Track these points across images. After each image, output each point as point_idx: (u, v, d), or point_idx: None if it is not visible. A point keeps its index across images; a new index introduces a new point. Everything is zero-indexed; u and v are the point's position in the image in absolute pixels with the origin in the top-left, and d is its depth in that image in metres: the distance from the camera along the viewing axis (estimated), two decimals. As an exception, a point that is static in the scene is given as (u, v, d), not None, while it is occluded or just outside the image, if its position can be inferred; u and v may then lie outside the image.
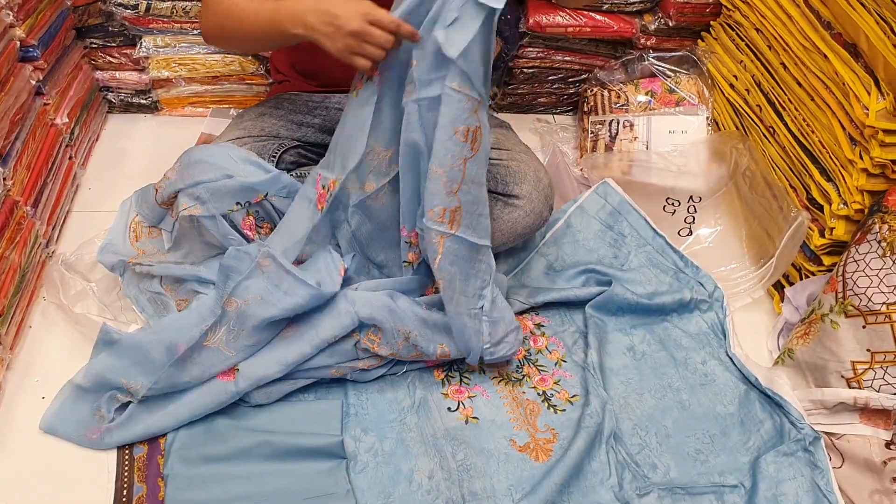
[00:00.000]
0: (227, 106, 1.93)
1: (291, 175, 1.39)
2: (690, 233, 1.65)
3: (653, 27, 1.84)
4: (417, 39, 1.08)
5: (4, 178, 1.33)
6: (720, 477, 1.24)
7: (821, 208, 1.41)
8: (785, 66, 1.50)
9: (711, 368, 1.41)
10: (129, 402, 1.23)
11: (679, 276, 1.54)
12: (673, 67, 1.81)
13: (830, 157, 1.38)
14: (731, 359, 1.42)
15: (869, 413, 1.24)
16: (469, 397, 1.33)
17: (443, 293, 1.23)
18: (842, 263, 1.29)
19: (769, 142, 1.58)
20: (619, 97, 1.81)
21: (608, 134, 1.79)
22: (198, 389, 1.23)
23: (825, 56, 1.36)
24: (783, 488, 1.20)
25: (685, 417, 1.33)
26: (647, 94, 1.79)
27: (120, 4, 1.70)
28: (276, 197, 1.33)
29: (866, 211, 1.32)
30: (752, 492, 1.21)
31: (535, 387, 1.36)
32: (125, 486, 1.15)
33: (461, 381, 1.35)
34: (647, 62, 1.82)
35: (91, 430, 1.21)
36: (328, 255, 1.31)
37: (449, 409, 1.30)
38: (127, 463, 1.18)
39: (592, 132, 1.82)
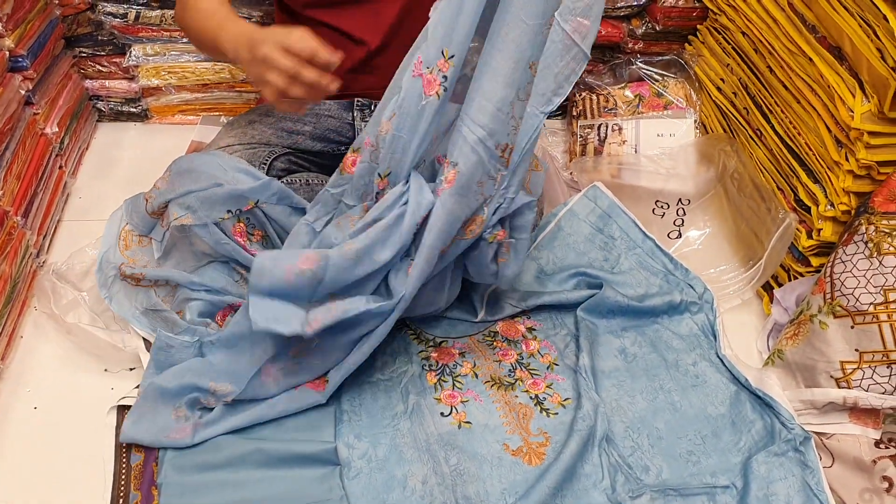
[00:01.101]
0: (217, 114, 1.94)
1: (282, 182, 1.39)
2: (680, 235, 1.66)
3: (640, 31, 1.85)
4: (332, 66, 1.06)
5: (-5, 189, 1.34)
6: (712, 478, 1.25)
7: (808, 210, 1.42)
8: (771, 70, 1.51)
9: (702, 370, 1.42)
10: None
11: (669, 279, 1.55)
12: (660, 71, 1.82)
13: (817, 159, 1.40)
14: (721, 360, 1.43)
15: (858, 412, 1.25)
16: (462, 402, 1.33)
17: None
18: (829, 264, 1.30)
19: (756, 144, 1.59)
20: (607, 101, 1.82)
21: (597, 138, 1.80)
22: (287, 394, 1.25)
23: (810, 59, 1.37)
24: (774, 488, 1.21)
25: (677, 419, 1.34)
26: (635, 97, 1.80)
27: (109, 13, 1.70)
28: (267, 204, 1.33)
29: (853, 212, 1.33)
30: (743, 492, 1.21)
31: (527, 391, 1.36)
32: (122, 494, 1.15)
33: (454, 385, 1.36)
34: (634, 66, 1.83)
35: (175, 431, 1.21)
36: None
37: (442, 413, 1.31)
38: (124, 471, 1.18)
39: (581, 136, 1.83)
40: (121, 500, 1.14)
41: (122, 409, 1.25)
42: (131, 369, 1.34)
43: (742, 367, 1.41)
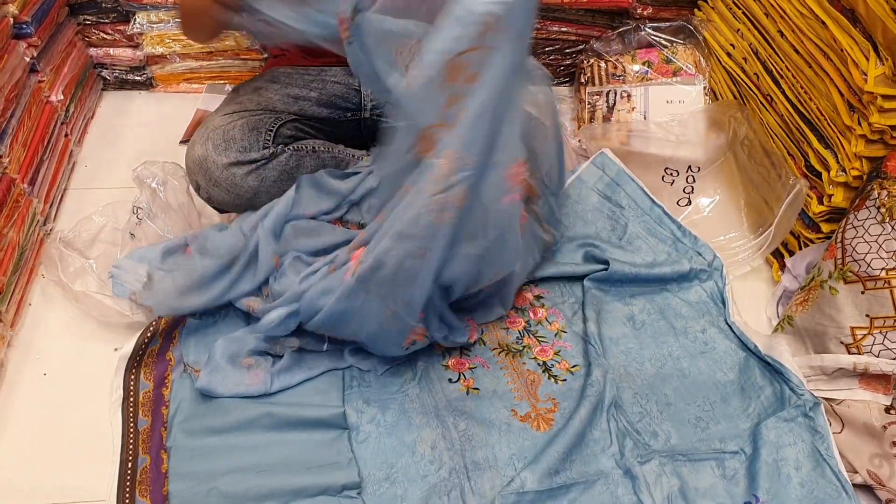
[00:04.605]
0: (222, 82, 1.92)
1: (289, 149, 1.38)
2: (689, 202, 1.65)
3: (649, -3, 1.83)
4: None
5: (1, 156, 1.33)
6: (721, 443, 1.25)
7: (819, 176, 1.41)
8: (782, 34, 1.49)
9: (711, 336, 1.42)
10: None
11: (678, 246, 1.54)
12: (669, 37, 1.80)
13: (828, 124, 1.38)
14: (730, 327, 1.43)
15: (868, 378, 1.25)
16: (469, 368, 1.33)
17: None
18: (840, 230, 1.29)
19: (767, 110, 1.57)
20: (615, 68, 1.80)
21: (605, 105, 1.78)
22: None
23: (823, 22, 1.35)
24: (784, 453, 1.21)
25: (685, 385, 1.34)
26: (644, 64, 1.79)
27: (112, -20, 1.69)
28: None
29: (865, 177, 1.32)
30: (752, 457, 1.21)
31: (535, 357, 1.36)
32: (130, 457, 1.16)
33: (461, 352, 1.35)
34: (643, 32, 1.81)
35: (249, 378, 1.24)
36: None
37: (450, 380, 1.31)
38: (132, 435, 1.19)
39: (590, 103, 1.81)
40: (129, 464, 1.15)
41: (129, 372, 1.26)
42: (140, 336, 1.34)
43: (751, 333, 1.40)
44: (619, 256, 1.49)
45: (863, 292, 1.23)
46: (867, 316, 1.23)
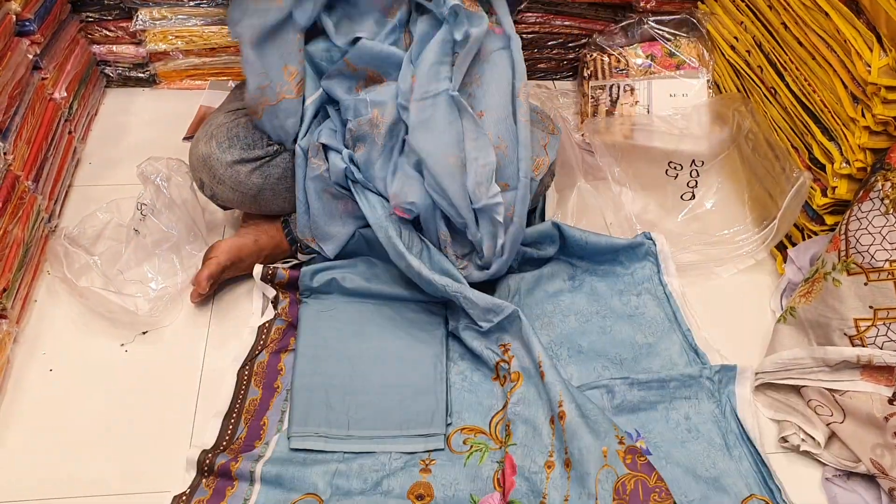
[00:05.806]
0: (225, 78, 1.93)
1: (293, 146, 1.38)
2: (693, 196, 1.65)
3: (652, -10, 1.83)
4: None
5: (5, 153, 1.34)
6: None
7: (823, 168, 1.41)
8: (786, 26, 1.49)
9: (644, 302, 1.44)
10: None
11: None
12: (673, 31, 1.80)
13: (832, 116, 1.38)
14: (663, 288, 1.46)
15: (871, 370, 1.24)
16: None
17: None
18: (844, 222, 1.29)
19: (771, 103, 1.57)
20: (619, 62, 1.80)
21: (609, 98, 1.78)
22: None
23: (826, 14, 1.35)
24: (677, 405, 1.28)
25: (602, 341, 1.36)
26: (647, 57, 1.78)
27: (115, -24, 1.69)
28: None
29: (868, 169, 1.32)
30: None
31: None
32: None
33: None
34: (646, 26, 1.81)
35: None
36: None
37: None
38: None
39: (593, 97, 1.81)
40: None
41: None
42: (144, 333, 1.34)
43: (688, 315, 1.42)
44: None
45: (865, 284, 1.23)
46: (871, 307, 1.23)
